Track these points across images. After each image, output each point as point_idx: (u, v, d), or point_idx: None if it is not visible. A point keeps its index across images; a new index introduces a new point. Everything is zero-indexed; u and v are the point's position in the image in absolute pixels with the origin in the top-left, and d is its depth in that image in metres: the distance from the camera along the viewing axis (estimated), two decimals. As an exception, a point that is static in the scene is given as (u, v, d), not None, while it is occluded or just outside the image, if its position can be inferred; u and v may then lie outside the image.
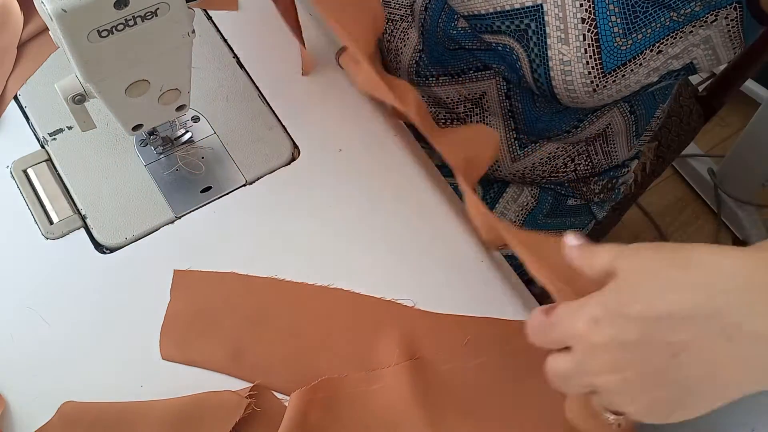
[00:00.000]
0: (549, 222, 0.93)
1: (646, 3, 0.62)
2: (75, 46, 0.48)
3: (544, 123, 0.78)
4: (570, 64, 0.66)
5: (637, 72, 0.66)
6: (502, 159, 0.85)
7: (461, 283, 0.63)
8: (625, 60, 0.65)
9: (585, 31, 0.63)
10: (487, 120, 0.83)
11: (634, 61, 0.65)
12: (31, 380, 0.55)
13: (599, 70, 0.65)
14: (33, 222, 0.63)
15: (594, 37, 0.63)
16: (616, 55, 0.64)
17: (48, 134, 0.67)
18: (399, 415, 0.56)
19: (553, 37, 0.65)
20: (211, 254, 0.62)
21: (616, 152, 0.87)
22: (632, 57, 0.65)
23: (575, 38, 0.64)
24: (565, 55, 0.65)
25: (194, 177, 0.66)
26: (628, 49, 0.64)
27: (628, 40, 0.63)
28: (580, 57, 0.65)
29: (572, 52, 0.65)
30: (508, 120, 0.81)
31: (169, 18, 0.50)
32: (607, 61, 0.65)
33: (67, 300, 0.59)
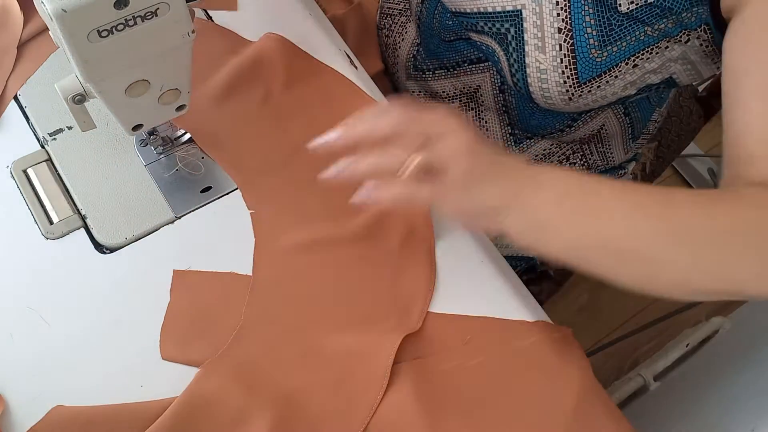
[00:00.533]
0: None
1: (620, 17, 0.62)
2: (75, 46, 0.48)
3: (537, 120, 0.78)
4: (546, 72, 0.66)
5: (613, 84, 0.66)
6: None
7: (461, 282, 0.63)
8: (600, 71, 0.65)
9: (561, 41, 0.64)
10: (482, 115, 0.83)
11: (609, 73, 0.65)
12: (31, 380, 0.55)
13: (575, 80, 0.66)
14: (33, 222, 0.63)
15: (570, 48, 0.64)
16: (592, 67, 0.65)
17: (48, 134, 0.67)
18: (399, 415, 0.56)
19: (530, 44, 0.66)
20: (211, 254, 0.62)
21: (612, 154, 0.87)
22: (608, 69, 0.65)
23: (551, 47, 0.65)
24: (541, 63, 0.66)
25: (194, 177, 0.66)
26: (604, 61, 0.65)
27: (603, 52, 0.64)
28: (556, 66, 0.65)
29: (548, 61, 0.65)
30: (503, 115, 0.81)
31: (169, 18, 0.50)
32: (583, 72, 0.65)
33: (67, 300, 0.59)
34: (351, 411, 0.56)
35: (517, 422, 0.57)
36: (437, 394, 0.57)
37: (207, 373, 0.56)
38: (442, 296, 0.62)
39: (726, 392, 0.95)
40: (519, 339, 0.61)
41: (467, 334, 0.60)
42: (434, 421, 0.55)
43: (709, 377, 1.08)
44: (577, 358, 0.60)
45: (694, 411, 1.00)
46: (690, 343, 1.19)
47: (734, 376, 0.98)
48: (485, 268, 0.64)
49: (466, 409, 0.57)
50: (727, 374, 1.01)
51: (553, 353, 0.60)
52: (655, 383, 1.13)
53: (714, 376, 1.06)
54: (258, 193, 0.65)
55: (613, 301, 1.52)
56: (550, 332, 0.61)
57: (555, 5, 0.64)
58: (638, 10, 0.61)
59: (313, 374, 0.58)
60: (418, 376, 0.57)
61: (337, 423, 0.56)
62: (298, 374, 0.57)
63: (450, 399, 0.57)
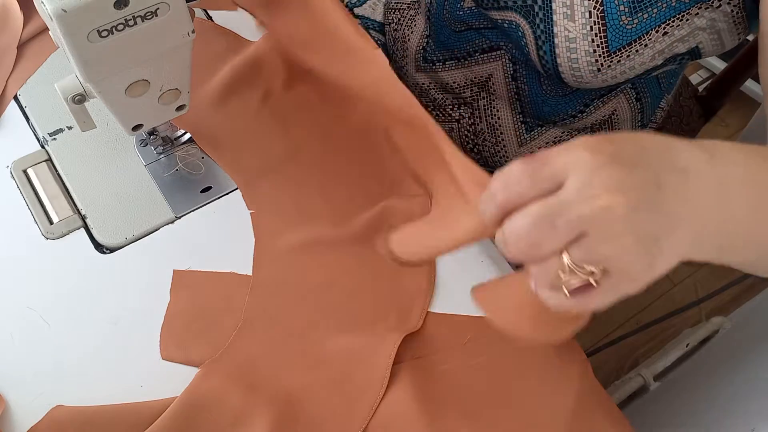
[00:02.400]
0: None
1: None
2: (75, 46, 0.48)
3: (550, 106, 0.78)
4: (575, 41, 0.65)
5: (642, 53, 0.66)
6: (510, 143, 0.85)
7: (461, 282, 0.63)
8: (630, 40, 0.64)
9: (591, 8, 0.63)
10: (493, 104, 0.83)
11: (639, 41, 0.65)
12: (31, 380, 0.55)
13: (604, 49, 0.65)
14: (33, 222, 0.63)
15: (600, 15, 0.63)
16: (622, 34, 0.64)
17: (48, 134, 0.67)
18: (399, 415, 0.56)
19: (559, 14, 0.65)
20: (211, 254, 0.62)
21: None
22: (638, 37, 0.64)
23: (581, 15, 0.64)
24: (570, 31, 0.65)
25: (194, 177, 0.66)
26: (634, 29, 0.64)
27: (634, 19, 0.63)
28: (585, 34, 0.64)
29: (578, 29, 0.64)
30: (515, 103, 0.81)
31: (169, 18, 0.50)
32: (613, 40, 0.64)
33: (67, 300, 0.59)
34: (351, 410, 0.56)
35: (517, 422, 0.57)
36: (437, 394, 0.57)
37: (207, 373, 0.56)
38: (442, 296, 0.62)
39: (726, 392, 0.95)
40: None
41: (467, 334, 0.60)
42: (434, 421, 0.55)
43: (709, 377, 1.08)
44: (577, 358, 0.60)
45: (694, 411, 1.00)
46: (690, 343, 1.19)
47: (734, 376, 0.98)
48: (485, 268, 0.64)
49: (466, 409, 0.57)
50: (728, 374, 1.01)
51: (553, 353, 0.60)
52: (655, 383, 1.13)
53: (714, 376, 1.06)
54: (258, 193, 0.65)
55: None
56: None
57: None
58: None
59: (313, 374, 0.58)
60: (418, 376, 0.57)
61: (337, 422, 0.56)
62: (298, 374, 0.57)
63: (450, 399, 0.57)
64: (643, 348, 1.48)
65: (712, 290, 1.30)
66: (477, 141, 0.88)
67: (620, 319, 1.51)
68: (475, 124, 0.86)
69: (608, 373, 1.43)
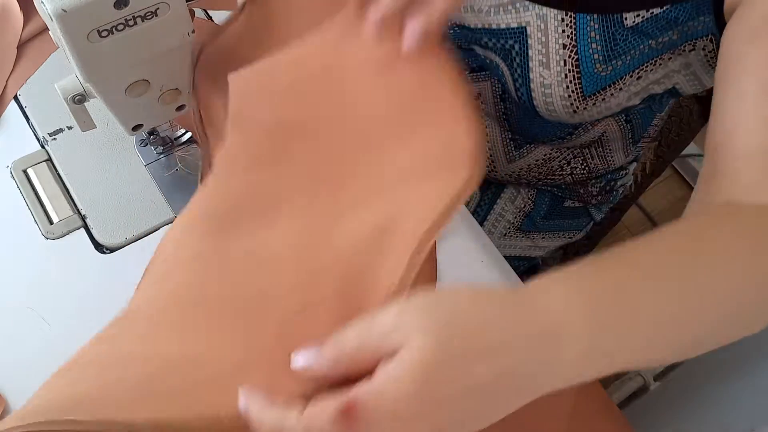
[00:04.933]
0: (547, 224, 0.93)
1: (626, 31, 0.62)
2: (75, 46, 0.48)
3: (537, 128, 0.78)
4: (550, 87, 0.66)
5: (618, 96, 0.66)
6: (498, 159, 0.85)
7: (461, 282, 0.63)
8: (604, 85, 0.65)
9: (566, 57, 0.64)
10: (482, 120, 0.83)
11: (614, 85, 0.65)
12: (31, 380, 0.55)
13: (579, 93, 0.66)
14: (33, 222, 0.63)
15: (574, 63, 0.64)
16: (596, 81, 0.65)
17: (48, 134, 0.67)
18: None
19: (534, 60, 0.66)
20: (211, 254, 0.62)
21: (613, 157, 0.87)
22: (612, 82, 0.65)
23: (556, 63, 0.65)
24: (545, 78, 0.66)
25: (194, 177, 0.66)
26: (608, 75, 0.64)
27: (608, 66, 0.64)
28: (560, 81, 0.65)
29: (553, 76, 0.65)
30: (503, 122, 0.81)
31: (169, 18, 0.50)
32: (587, 86, 0.65)
33: (67, 300, 0.59)
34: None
35: (518, 422, 0.57)
36: None
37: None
38: (442, 296, 0.62)
39: (726, 392, 0.95)
40: None
41: None
42: None
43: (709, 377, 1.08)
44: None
45: (694, 411, 1.00)
46: (690, 343, 1.19)
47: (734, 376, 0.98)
48: (485, 268, 0.64)
49: None
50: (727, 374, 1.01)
51: None
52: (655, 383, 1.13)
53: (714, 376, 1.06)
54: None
55: (613, 301, 1.51)
56: None
57: (560, 22, 0.64)
58: (644, 23, 0.61)
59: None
60: None
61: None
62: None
63: None
64: (643, 348, 1.48)
65: (712, 290, 1.30)
66: None
67: (620, 319, 1.51)
68: None
69: (608, 373, 1.43)
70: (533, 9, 0.65)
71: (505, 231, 0.91)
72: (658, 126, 0.89)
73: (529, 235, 0.93)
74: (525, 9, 0.65)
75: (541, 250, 0.96)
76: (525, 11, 0.65)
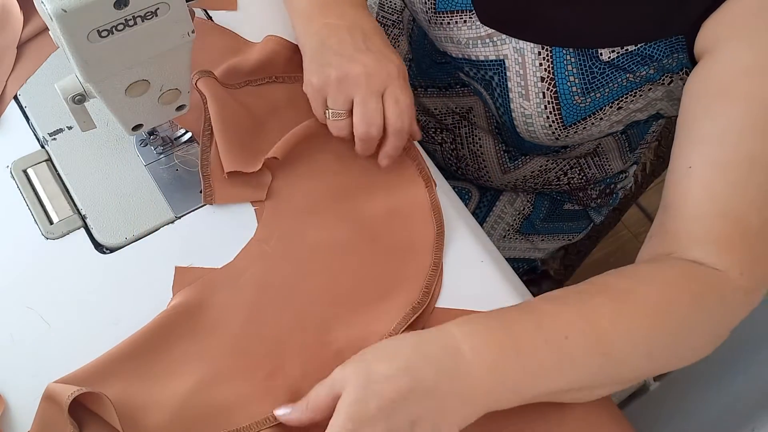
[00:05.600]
0: (546, 226, 0.93)
1: (602, 65, 0.62)
2: (75, 46, 0.48)
3: (530, 144, 0.78)
4: (531, 117, 0.67)
5: (599, 125, 0.67)
6: (493, 170, 0.85)
7: (461, 283, 0.63)
8: (585, 115, 0.65)
9: (544, 90, 0.64)
10: (475, 133, 0.82)
11: (594, 116, 0.65)
12: (31, 380, 0.55)
13: (560, 124, 0.66)
14: (33, 222, 0.63)
15: (553, 95, 0.64)
16: (576, 112, 0.65)
17: (48, 134, 0.67)
18: None
19: (514, 92, 0.66)
20: (211, 254, 0.62)
21: (610, 166, 0.87)
22: (592, 113, 0.65)
23: (535, 95, 0.65)
24: (526, 109, 0.66)
25: (194, 177, 0.66)
26: (587, 106, 0.65)
27: (587, 98, 0.64)
28: (540, 112, 0.66)
29: (533, 107, 0.66)
30: (496, 136, 0.81)
31: (169, 18, 0.50)
32: (567, 116, 0.65)
33: (67, 300, 0.59)
34: None
35: (518, 420, 0.57)
36: None
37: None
38: (442, 296, 0.62)
39: (726, 392, 0.95)
40: None
41: None
42: None
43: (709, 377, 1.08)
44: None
45: (694, 411, 1.00)
46: (690, 343, 1.19)
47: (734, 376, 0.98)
48: (485, 268, 0.64)
49: None
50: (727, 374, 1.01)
51: None
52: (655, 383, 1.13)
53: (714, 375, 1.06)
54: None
55: (613, 301, 1.51)
56: None
57: (537, 55, 0.64)
58: (619, 58, 0.61)
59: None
60: None
61: None
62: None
63: None
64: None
65: (712, 290, 1.30)
66: (460, 165, 0.88)
67: (620, 319, 1.51)
68: (458, 149, 0.86)
69: (608, 373, 1.43)
70: (510, 42, 0.65)
71: (504, 233, 0.91)
72: (656, 132, 0.89)
73: (528, 237, 0.93)
74: (502, 42, 0.66)
75: (540, 252, 0.95)
76: (502, 44, 0.66)
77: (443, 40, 0.71)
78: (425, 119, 0.86)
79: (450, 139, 0.85)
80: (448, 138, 0.85)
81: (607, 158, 0.85)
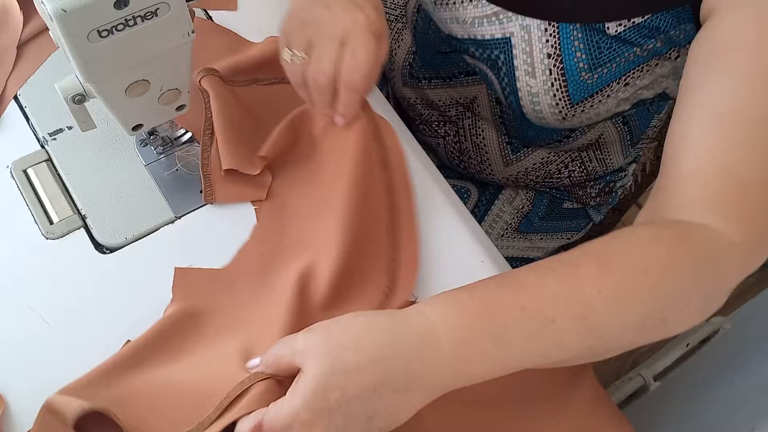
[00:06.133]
0: (545, 225, 0.93)
1: (609, 39, 0.62)
2: (75, 46, 0.48)
3: (535, 131, 0.78)
4: (538, 96, 0.66)
5: (606, 102, 0.66)
6: (495, 163, 0.85)
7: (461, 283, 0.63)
8: (592, 92, 0.65)
9: (551, 66, 0.64)
10: (478, 124, 0.83)
11: (601, 92, 0.65)
12: (31, 380, 0.55)
13: (567, 101, 0.66)
14: (33, 222, 0.63)
15: (560, 72, 0.64)
16: (583, 88, 0.65)
17: (48, 134, 0.67)
18: None
19: (521, 70, 0.66)
20: (211, 254, 0.62)
21: (611, 159, 0.87)
22: (599, 89, 0.65)
23: (542, 72, 0.65)
24: (532, 87, 0.66)
25: (194, 177, 0.66)
26: (595, 83, 0.64)
27: (594, 74, 0.64)
28: (547, 90, 0.65)
29: (539, 85, 0.65)
30: (500, 126, 0.81)
31: (169, 18, 0.50)
32: (574, 94, 0.65)
33: (67, 300, 0.59)
34: None
35: (519, 419, 0.57)
36: None
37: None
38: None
39: (726, 392, 0.95)
40: None
41: None
42: (439, 415, 0.56)
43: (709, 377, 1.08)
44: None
45: (694, 411, 1.00)
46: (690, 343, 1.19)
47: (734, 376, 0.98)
48: (485, 268, 0.64)
49: (470, 398, 0.57)
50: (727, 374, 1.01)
51: None
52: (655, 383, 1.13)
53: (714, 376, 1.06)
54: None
55: (613, 301, 1.51)
56: None
57: (543, 32, 0.64)
58: (626, 31, 0.61)
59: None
60: None
61: None
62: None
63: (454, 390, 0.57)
64: (643, 348, 1.48)
65: (712, 290, 1.30)
66: (462, 158, 0.88)
67: (620, 319, 1.51)
68: (460, 142, 0.86)
69: (608, 373, 1.43)
70: (516, 20, 0.65)
71: (502, 232, 0.91)
72: (657, 127, 0.89)
73: (527, 236, 0.93)
74: (508, 20, 0.66)
75: (539, 251, 0.95)
76: (509, 22, 0.66)
77: (449, 22, 0.71)
78: (428, 113, 0.86)
79: (453, 132, 0.86)
80: (451, 131, 0.86)
81: (608, 151, 0.85)
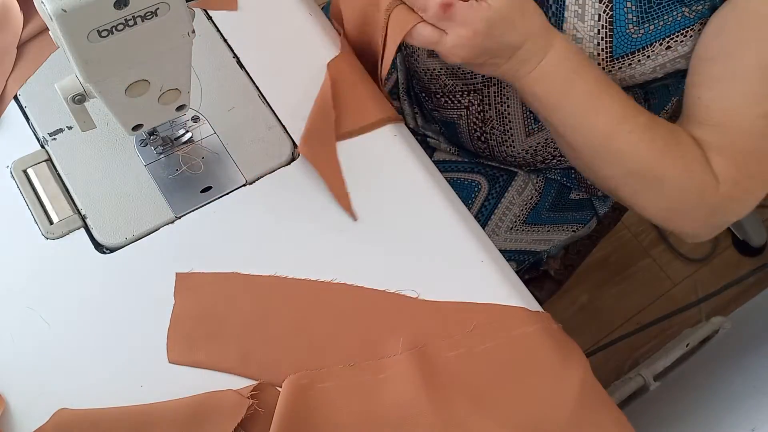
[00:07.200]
0: (552, 216, 0.95)
1: None
2: (75, 46, 0.48)
3: None
4: (582, 42, 0.67)
5: (644, 64, 0.67)
6: (517, 132, 0.86)
7: (461, 282, 0.63)
8: (634, 49, 0.66)
9: (601, 12, 0.65)
10: (503, 91, 0.83)
11: (642, 51, 0.66)
12: (31, 380, 0.55)
13: (608, 53, 0.66)
14: (33, 222, 0.63)
15: (609, 19, 0.65)
16: (627, 42, 0.65)
17: (48, 134, 0.67)
18: (407, 403, 0.56)
19: (570, 10, 0.66)
20: (211, 254, 0.62)
21: None
22: (642, 47, 0.66)
23: (591, 17, 0.65)
24: (578, 31, 0.66)
25: (194, 177, 0.66)
26: (639, 39, 0.65)
27: (640, 29, 0.65)
28: (592, 36, 0.66)
29: (585, 30, 0.66)
30: None
31: (169, 18, 0.50)
32: (617, 46, 0.66)
33: (67, 300, 0.59)
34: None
35: (524, 407, 0.57)
36: (444, 380, 0.57)
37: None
38: (442, 296, 0.62)
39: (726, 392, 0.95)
40: (523, 326, 0.61)
41: (472, 321, 0.60)
42: (441, 408, 0.56)
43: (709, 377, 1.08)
44: (577, 358, 0.60)
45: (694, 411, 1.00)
46: (690, 343, 1.19)
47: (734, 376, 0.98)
48: (485, 268, 0.64)
49: (472, 395, 0.57)
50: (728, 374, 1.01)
51: (553, 354, 0.60)
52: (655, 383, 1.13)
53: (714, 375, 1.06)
54: None
55: (613, 301, 1.52)
56: (549, 323, 0.62)
57: None
58: None
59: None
60: (424, 364, 0.57)
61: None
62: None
63: (457, 385, 0.58)
64: (643, 348, 1.48)
65: (712, 290, 1.30)
66: (485, 128, 0.88)
67: (620, 319, 1.51)
68: (484, 111, 0.86)
69: (608, 373, 1.43)
70: None
71: (511, 225, 0.93)
72: (669, 113, 0.89)
73: (534, 227, 0.94)
74: None
75: (546, 244, 0.97)
76: None
77: None
78: (452, 83, 0.86)
79: (477, 101, 0.86)
80: (475, 99, 0.86)
81: None
